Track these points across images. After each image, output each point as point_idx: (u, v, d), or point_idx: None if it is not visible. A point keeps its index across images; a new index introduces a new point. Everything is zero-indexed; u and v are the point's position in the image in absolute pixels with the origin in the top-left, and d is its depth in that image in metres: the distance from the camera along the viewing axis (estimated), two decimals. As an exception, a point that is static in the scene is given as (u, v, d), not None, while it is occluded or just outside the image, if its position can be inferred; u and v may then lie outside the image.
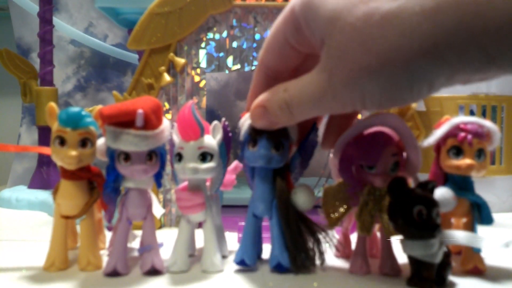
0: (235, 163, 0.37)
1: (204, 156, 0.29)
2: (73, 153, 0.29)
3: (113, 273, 0.29)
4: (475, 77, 0.22)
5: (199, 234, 0.33)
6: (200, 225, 0.32)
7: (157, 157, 0.30)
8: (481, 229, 0.32)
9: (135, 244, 0.35)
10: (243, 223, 0.41)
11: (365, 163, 0.30)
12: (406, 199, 0.27)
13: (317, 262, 0.30)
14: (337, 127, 0.31)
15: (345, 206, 0.31)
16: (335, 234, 0.31)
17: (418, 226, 0.27)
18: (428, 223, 0.27)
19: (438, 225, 0.27)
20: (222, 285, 0.28)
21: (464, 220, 0.32)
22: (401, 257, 0.29)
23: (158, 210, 0.32)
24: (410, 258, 0.28)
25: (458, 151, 0.30)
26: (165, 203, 0.45)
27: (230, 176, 0.36)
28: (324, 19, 0.24)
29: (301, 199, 0.29)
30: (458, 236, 0.28)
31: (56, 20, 0.69)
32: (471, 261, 0.31)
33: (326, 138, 0.32)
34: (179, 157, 0.29)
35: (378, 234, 0.33)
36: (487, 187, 0.56)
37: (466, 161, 0.30)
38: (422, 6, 0.21)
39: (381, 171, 0.29)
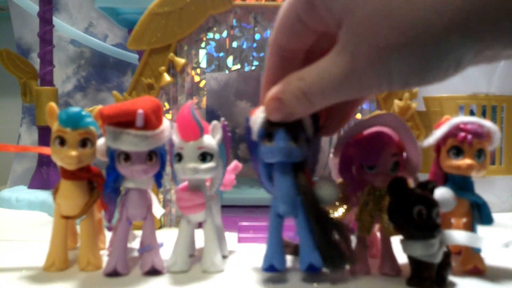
0: (234, 163, 0.37)
1: (204, 156, 0.29)
2: (73, 153, 0.29)
3: (113, 273, 0.29)
4: (503, 53, 0.21)
5: (199, 234, 0.33)
6: (200, 225, 0.32)
7: (157, 157, 0.30)
8: (481, 229, 0.32)
9: (135, 244, 0.35)
10: (243, 223, 0.42)
11: (365, 163, 0.30)
12: (406, 199, 0.27)
13: (351, 261, 0.28)
14: (339, 114, 0.30)
15: (345, 206, 0.31)
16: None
17: (418, 226, 0.27)
18: (428, 223, 0.27)
19: (438, 225, 0.27)
20: (222, 285, 0.28)
21: (464, 220, 0.32)
22: (401, 257, 0.29)
23: (158, 210, 0.32)
24: (410, 258, 0.28)
25: (458, 151, 0.30)
26: (165, 203, 0.45)
27: (229, 176, 0.36)
28: (338, 4, 0.23)
29: (326, 192, 0.28)
30: (458, 236, 0.28)
31: (56, 20, 0.69)
32: (471, 261, 0.31)
33: (328, 125, 0.30)
34: (179, 157, 0.29)
35: (378, 234, 0.33)
36: (487, 187, 0.56)
37: (466, 161, 0.30)
38: None
39: (381, 171, 0.29)
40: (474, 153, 0.30)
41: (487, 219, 0.31)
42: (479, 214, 0.31)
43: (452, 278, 0.29)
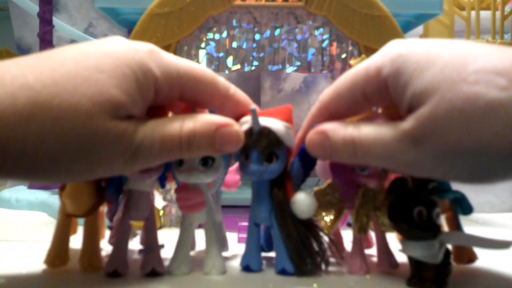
0: (237, 164, 0.36)
1: (205, 161, 0.29)
2: None
3: (114, 274, 0.29)
4: None
5: (199, 235, 0.33)
6: (200, 225, 0.32)
7: None
8: (481, 230, 0.32)
9: (135, 243, 0.35)
10: (243, 223, 0.42)
11: (359, 166, 0.30)
12: (406, 200, 0.27)
13: (322, 265, 0.30)
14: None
15: (336, 208, 0.31)
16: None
17: (418, 227, 0.27)
18: (428, 224, 0.27)
19: (438, 226, 0.27)
20: (223, 285, 0.28)
21: (446, 215, 0.32)
22: (401, 257, 0.29)
23: (159, 202, 0.33)
24: (410, 258, 0.28)
25: None
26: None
27: (234, 177, 0.36)
28: (419, 88, 0.23)
29: (299, 210, 0.29)
30: (459, 237, 0.28)
31: (56, 20, 0.69)
32: (465, 255, 0.31)
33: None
34: (180, 161, 0.29)
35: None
36: (487, 187, 0.56)
37: None
38: None
39: (373, 172, 0.30)
40: None
41: (468, 210, 0.31)
42: (460, 207, 0.31)
43: (452, 278, 0.29)
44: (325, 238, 0.30)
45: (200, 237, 0.33)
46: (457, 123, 0.22)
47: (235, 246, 0.37)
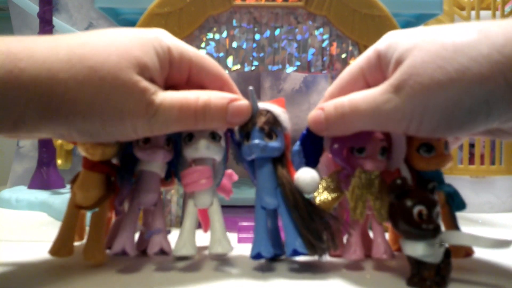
0: (229, 172, 0.37)
1: (214, 136, 0.31)
2: (98, 145, 0.30)
3: (122, 253, 0.30)
4: None
5: (199, 235, 0.33)
6: (199, 226, 0.32)
7: (173, 144, 0.32)
8: (481, 230, 0.32)
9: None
10: (243, 223, 0.42)
11: (355, 145, 0.31)
12: (406, 200, 0.27)
13: (331, 244, 0.29)
14: None
15: (336, 194, 0.31)
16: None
17: (418, 227, 0.27)
18: (428, 224, 0.27)
19: (438, 225, 0.27)
20: (223, 286, 0.28)
21: (442, 210, 0.32)
22: (401, 257, 0.29)
23: None
24: (410, 258, 0.28)
25: (428, 148, 0.30)
26: (165, 203, 0.45)
27: (228, 182, 0.36)
28: (403, 48, 0.27)
29: (304, 182, 0.29)
30: (460, 236, 0.28)
31: (56, 20, 0.69)
32: (462, 249, 0.32)
33: None
34: (190, 137, 0.31)
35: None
36: (487, 187, 0.56)
37: (445, 156, 0.31)
38: (493, 42, 0.24)
39: (371, 154, 0.30)
40: (443, 146, 0.31)
41: (460, 205, 0.32)
42: (453, 202, 0.32)
43: (452, 278, 0.29)
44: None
45: (199, 238, 0.33)
46: (430, 64, 0.25)
47: (235, 246, 0.37)
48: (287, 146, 0.32)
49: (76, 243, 0.33)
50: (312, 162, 0.32)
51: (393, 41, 0.28)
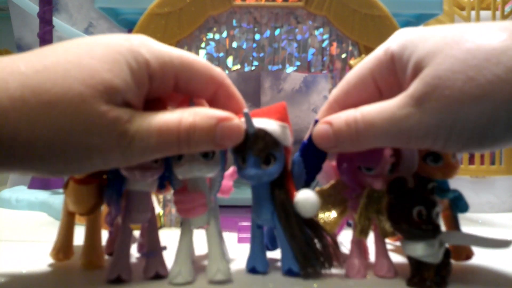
0: (232, 169, 0.36)
1: (206, 154, 0.28)
2: None
3: (117, 280, 0.28)
4: None
5: (199, 237, 0.33)
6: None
7: (162, 159, 0.29)
8: (481, 230, 0.32)
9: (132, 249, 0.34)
10: (243, 223, 0.42)
11: (365, 165, 0.29)
12: (406, 199, 0.27)
13: (326, 266, 0.29)
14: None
15: (339, 209, 0.31)
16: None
17: (418, 227, 0.27)
18: (428, 224, 0.27)
19: (438, 226, 0.27)
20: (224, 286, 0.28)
21: (443, 213, 0.32)
22: (401, 259, 0.29)
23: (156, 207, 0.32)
24: (410, 258, 0.28)
25: (435, 158, 0.29)
26: (165, 203, 0.45)
27: (227, 182, 0.35)
28: (423, 53, 0.24)
29: (303, 209, 0.28)
30: (460, 236, 0.28)
31: (56, 20, 0.69)
32: (462, 252, 0.31)
33: None
34: (179, 157, 0.28)
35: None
36: (487, 187, 0.56)
37: (453, 165, 0.29)
38: None
39: (380, 172, 0.29)
40: (450, 154, 0.29)
41: (464, 207, 0.31)
42: (457, 205, 0.31)
43: (452, 278, 0.29)
44: (328, 239, 0.30)
45: (199, 238, 0.32)
46: (459, 74, 0.22)
47: (235, 246, 0.37)
48: (287, 161, 0.30)
49: (75, 244, 0.33)
50: (313, 172, 0.30)
51: (409, 41, 0.25)
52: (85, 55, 0.23)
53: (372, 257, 0.32)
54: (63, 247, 0.32)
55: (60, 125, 0.22)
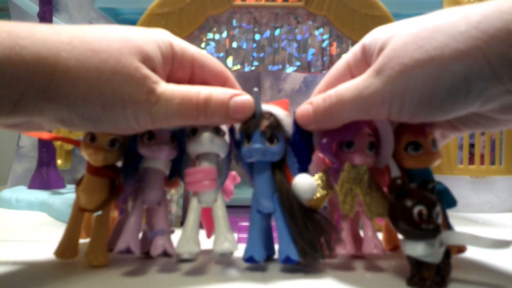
0: (233, 174, 0.37)
1: (218, 131, 0.31)
2: (101, 151, 0.30)
3: (126, 251, 0.29)
4: None
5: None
6: (201, 226, 0.31)
7: (177, 141, 0.32)
8: (481, 230, 0.32)
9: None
10: (243, 223, 0.42)
11: (345, 138, 0.31)
12: (406, 200, 0.27)
13: (326, 252, 0.29)
14: None
15: (325, 191, 0.32)
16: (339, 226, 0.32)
17: (418, 227, 0.27)
18: (428, 224, 0.27)
19: (438, 225, 0.27)
20: (224, 286, 0.28)
21: None
22: (401, 257, 0.29)
23: None
24: (410, 258, 0.28)
25: (416, 146, 0.30)
26: (165, 203, 0.45)
27: (228, 185, 0.36)
28: (385, 37, 0.27)
29: (301, 189, 0.29)
30: (460, 236, 0.28)
31: (56, 20, 0.69)
32: (454, 246, 0.32)
33: None
34: (193, 132, 0.30)
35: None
36: (487, 187, 0.56)
37: (433, 153, 0.31)
38: (470, 19, 0.25)
39: (359, 148, 0.31)
40: (430, 143, 0.31)
41: (451, 202, 0.32)
42: (443, 199, 0.32)
43: (452, 278, 0.29)
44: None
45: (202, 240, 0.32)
46: (411, 45, 0.25)
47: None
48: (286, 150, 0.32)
49: (81, 241, 0.33)
50: (303, 160, 0.32)
51: (377, 32, 0.28)
52: (121, 28, 0.28)
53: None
54: (69, 245, 0.32)
55: (101, 70, 0.26)
